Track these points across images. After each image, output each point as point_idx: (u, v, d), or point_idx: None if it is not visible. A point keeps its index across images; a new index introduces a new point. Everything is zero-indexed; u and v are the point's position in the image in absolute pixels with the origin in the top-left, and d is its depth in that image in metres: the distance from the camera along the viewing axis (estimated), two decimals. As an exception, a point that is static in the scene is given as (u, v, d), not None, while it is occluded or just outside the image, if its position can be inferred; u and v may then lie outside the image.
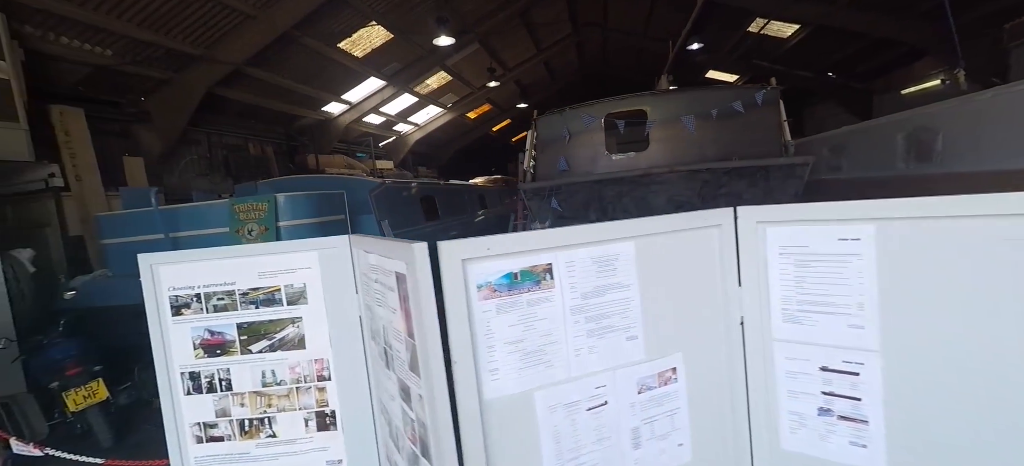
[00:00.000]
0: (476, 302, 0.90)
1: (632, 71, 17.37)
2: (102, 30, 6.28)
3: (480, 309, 0.91)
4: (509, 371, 0.94)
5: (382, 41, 9.81)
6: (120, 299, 4.74)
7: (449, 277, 0.87)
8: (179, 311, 1.61)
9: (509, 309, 0.93)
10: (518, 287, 0.94)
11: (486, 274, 0.91)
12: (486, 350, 0.91)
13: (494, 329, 0.92)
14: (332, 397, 1.63)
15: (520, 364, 0.95)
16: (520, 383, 0.95)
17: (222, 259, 1.60)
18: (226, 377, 1.63)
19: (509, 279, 0.93)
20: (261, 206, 4.73)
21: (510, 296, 0.93)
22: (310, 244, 1.59)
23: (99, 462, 2.23)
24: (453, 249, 0.88)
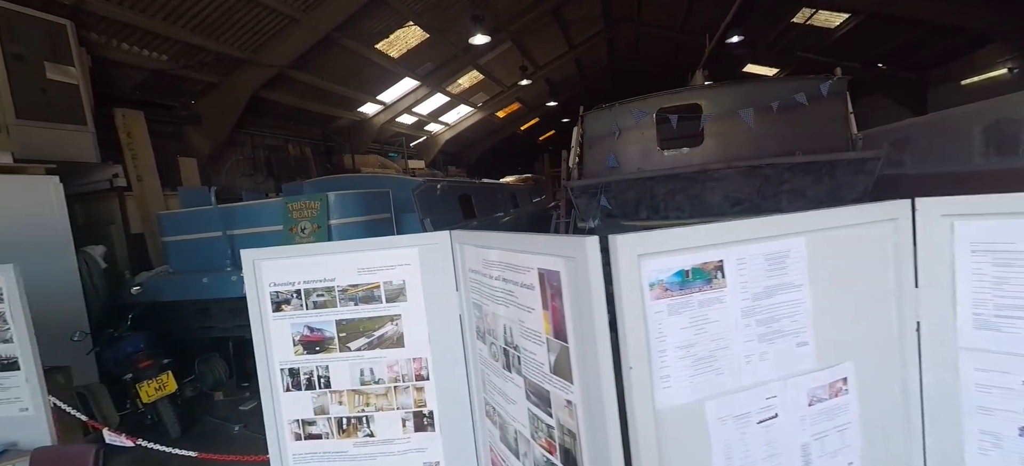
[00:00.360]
0: (649, 302, 0.83)
1: (664, 67, 16.97)
2: (159, 36, 6.54)
3: (652, 309, 0.83)
4: (680, 378, 0.86)
5: (418, 41, 9.88)
6: (182, 295, 4.91)
7: (624, 273, 0.80)
8: (280, 307, 1.60)
9: (681, 310, 0.86)
10: (689, 286, 0.86)
11: (658, 271, 0.83)
12: (658, 355, 0.84)
13: (665, 332, 0.85)
14: (430, 397, 1.59)
15: (691, 371, 0.87)
16: (691, 392, 0.87)
17: (323, 255, 1.59)
18: (325, 374, 1.61)
19: (681, 277, 0.85)
20: (313, 204, 4.80)
21: (681, 296, 0.85)
22: (410, 240, 1.55)
23: (193, 455, 2.27)
24: (630, 243, 0.80)
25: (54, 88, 5.21)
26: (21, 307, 2.44)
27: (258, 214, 5.06)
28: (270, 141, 10.19)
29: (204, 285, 4.82)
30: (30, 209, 3.88)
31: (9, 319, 2.45)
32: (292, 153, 10.79)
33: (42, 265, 3.80)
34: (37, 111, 5.02)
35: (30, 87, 5.00)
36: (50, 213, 4.00)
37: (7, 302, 2.44)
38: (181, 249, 5.24)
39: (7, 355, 2.49)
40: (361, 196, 5.17)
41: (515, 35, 11.40)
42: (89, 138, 5.51)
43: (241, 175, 9.49)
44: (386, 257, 1.55)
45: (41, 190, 3.97)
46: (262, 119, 9.60)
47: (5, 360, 2.49)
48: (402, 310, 1.57)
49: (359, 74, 10.09)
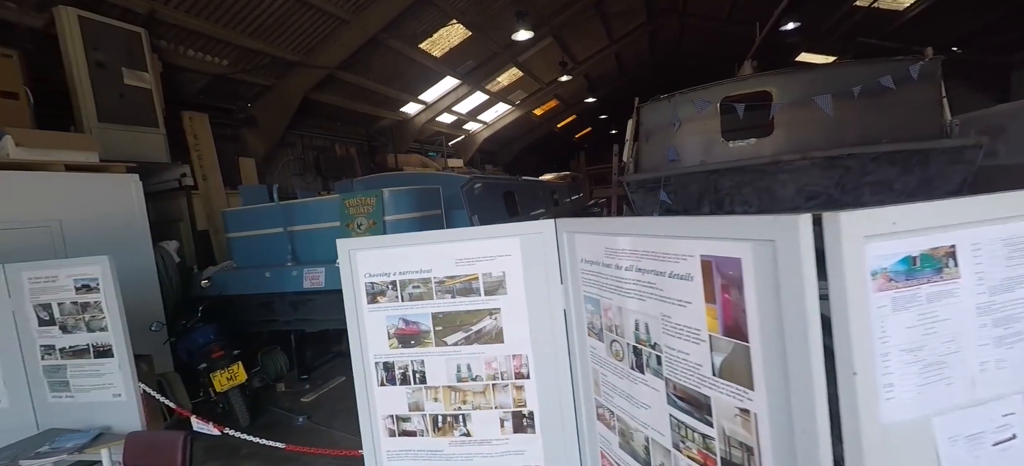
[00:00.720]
0: (872, 294, 0.69)
1: (708, 60, 16.29)
2: (220, 41, 6.84)
3: (875, 304, 0.69)
4: (906, 388, 0.71)
5: (460, 39, 9.91)
6: (245, 289, 5.09)
7: (848, 259, 0.66)
8: (375, 298, 1.55)
9: (907, 305, 0.71)
10: (916, 276, 0.71)
11: (881, 258, 0.69)
12: (880, 359, 0.70)
13: (889, 331, 0.70)
14: (531, 397, 1.49)
15: (918, 379, 0.72)
16: (918, 405, 0.72)
17: (420, 245, 1.52)
18: (420, 369, 1.55)
19: (907, 265, 0.70)
20: (369, 201, 4.85)
21: (908, 288, 0.71)
22: (511, 229, 1.46)
23: (280, 446, 2.29)
24: (855, 221, 0.67)
25: (131, 93, 5.53)
26: (115, 297, 2.54)
27: (316, 211, 5.18)
28: (318, 142, 10.51)
29: (266, 279, 4.98)
30: (113, 205, 4.11)
31: (105, 308, 2.56)
32: (338, 153, 11.09)
33: (124, 258, 4.01)
34: (116, 114, 5.33)
35: (110, 92, 5.32)
36: (131, 209, 4.22)
37: (103, 292, 2.56)
38: (244, 245, 5.44)
39: (102, 343, 2.60)
40: (414, 192, 5.19)
41: (556, 30, 11.24)
42: (161, 139, 5.82)
43: (292, 175, 9.84)
44: (486, 247, 1.47)
45: (123, 187, 4.20)
46: (311, 120, 9.91)
47: (100, 347, 2.60)
48: (502, 304, 1.48)
49: (403, 74, 10.24)
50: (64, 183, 3.76)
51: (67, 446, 2.44)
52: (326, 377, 5.11)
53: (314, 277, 4.80)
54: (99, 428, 2.60)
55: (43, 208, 3.62)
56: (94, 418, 2.67)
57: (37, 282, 2.63)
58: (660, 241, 0.97)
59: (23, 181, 3.52)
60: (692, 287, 0.90)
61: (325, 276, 4.78)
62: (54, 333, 2.64)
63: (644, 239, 1.02)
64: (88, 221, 3.86)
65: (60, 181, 3.74)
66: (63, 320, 2.62)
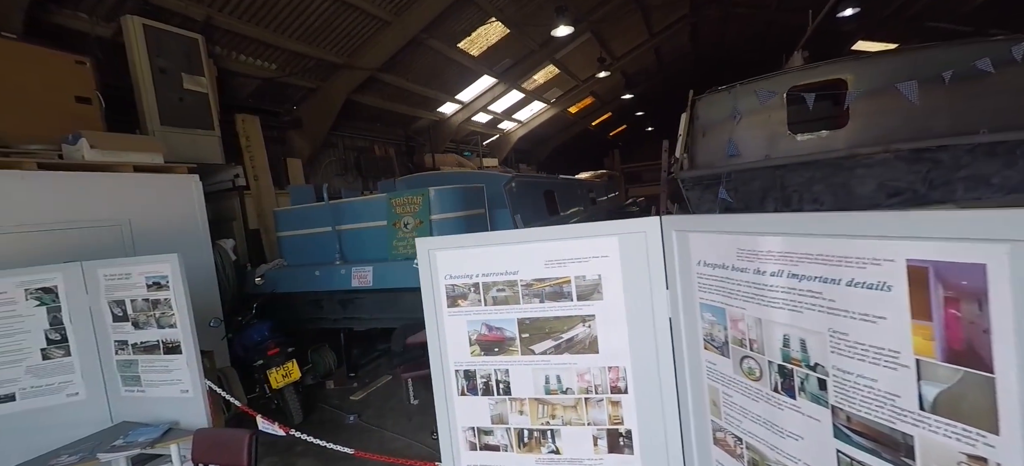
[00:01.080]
0: None
1: (753, 52, 15.54)
2: (270, 45, 7.03)
3: None
4: None
5: (498, 37, 9.84)
6: (296, 287, 5.19)
7: None
8: (456, 301, 1.45)
9: None
10: None
11: None
12: None
13: None
14: (628, 413, 1.35)
15: None
16: None
17: (505, 245, 1.40)
18: (504, 379, 1.43)
19: None
20: (416, 200, 4.82)
21: None
22: (608, 228, 1.32)
23: (349, 452, 2.24)
24: None
25: (189, 97, 5.75)
26: (184, 294, 2.58)
27: (362, 210, 5.21)
28: (359, 143, 10.71)
29: (316, 277, 5.05)
30: (176, 205, 4.25)
31: (174, 305, 2.61)
32: (377, 153, 11.27)
33: (186, 256, 4.13)
34: (176, 118, 5.56)
35: (170, 96, 5.55)
36: (192, 209, 4.36)
37: (172, 289, 2.60)
38: (294, 243, 5.56)
39: (171, 339, 2.65)
40: (459, 191, 5.13)
41: (595, 25, 10.98)
42: (216, 141, 6.03)
43: (334, 175, 10.06)
44: (579, 248, 1.33)
45: (184, 187, 4.34)
46: (352, 121, 10.11)
47: (169, 344, 2.65)
48: (597, 310, 1.34)
49: (440, 74, 10.27)
50: (132, 184, 3.92)
51: (139, 440, 2.49)
52: (372, 375, 5.13)
53: (362, 276, 4.82)
54: (168, 423, 2.65)
55: (114, 208, 3.78)
56: (163, 413, 2.73)
57: (112, 279, 2.71)
58: (833, 242, 0.80)
59: (96, 182, 3.69)
60: (888, 299, 0.73)
61: (373, 275, 4.79)
62: (127, 329, 2.72)
63: (805, 239, 0.85)
64: (153, 220, 4.01)
65: (128, 182, 3.90)
66: (135, 316, 2.69)
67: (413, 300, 4.69)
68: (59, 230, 3.44)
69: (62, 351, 2.73)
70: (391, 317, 4.75)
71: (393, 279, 4.73)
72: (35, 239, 3.31)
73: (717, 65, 17.10)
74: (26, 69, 3.86)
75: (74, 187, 3.55)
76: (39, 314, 2.69)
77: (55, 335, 2.71)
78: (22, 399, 2.67)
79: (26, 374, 2.68)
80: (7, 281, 2.65)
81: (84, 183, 3.61)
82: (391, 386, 4.78)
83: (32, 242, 3.29)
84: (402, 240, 4.86)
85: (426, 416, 4.01)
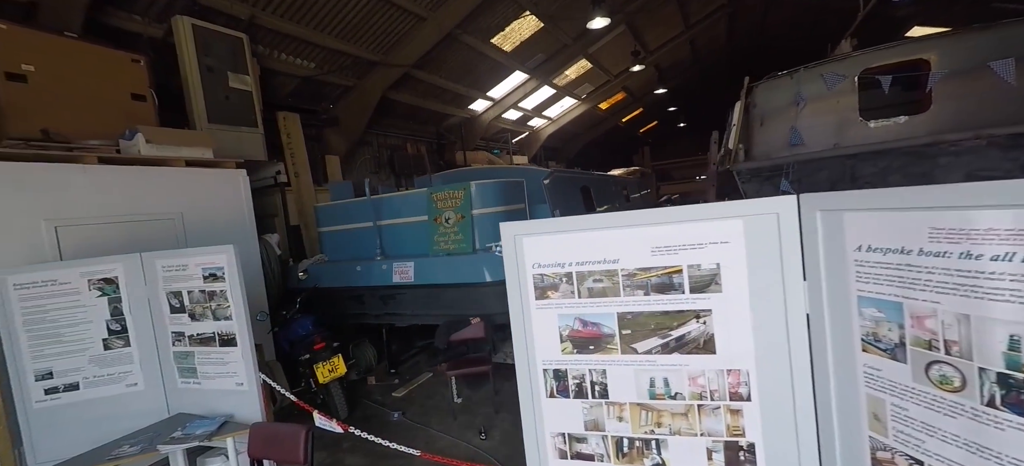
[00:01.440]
0: None
1: (796, 40, 14.78)
2: (310, 43, 7.11)
3: None
4: None
5: (531, 32, 9.69)
6: (337, 282, 5.19)
7: None
8: (545, 293, 1.30)
9: None
10: None
11: None
12: None
13: None
14: (751, 424, 1.17)
15: None
16: None
17: (604, 229, 1.24)
18: (601, 381, 1.27)
19: None
20: (457, 194, 4.72)
21: None
22: (731, 209, 1.14)
23: (415, 453, 2.14)
24: None
25: (234, 95, 5.85)
26: (239, 286, 2.55)
27: (401, 205, 5.16)
28: (392, 140, 10.78)
29: (357, 273, 5.03)
30: (224, 200, 4.30)
31: (229, 297, 2.58)
32: (410, 151, 11.32)
33: (233, 250, 4.24)
34: (222, 115, 5.66)
35: (217, 94, 5.66)
36: (239, 203, 4.41)
37: (228, 281, 2.57)
38: (334, 239, 5.57)
39: (227, 332, 2.62)
40: (501, 185, 5.01)
41: (630, 16, 10.67)
42: (259, 139, 6.13)
43: (368, 173, 10.16)
44: (694, 232, 1.16)
45: (233, 182, 4.39)
46: (386, 119, 10.17)
47: (225, 336, 2.62)
48: (714, 304, 1.16)
49: (473, 70, 10.21)
50: (184, 178, 3.98)
51: (197, 433, 2.47)
52: (412, 372, 5.07)
53: (403, 271, 4.76)
54: (223, 415, 2.63)
55: (167, 201, 3.84)
56: (218, 405, 2.71)
57: (169, 270, 2.71)
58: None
59: (151, 176, 3.75)
60: None
61: (414, 270, 4.73)
62: (184, 320, 2.71)
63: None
64: (204, 214, 4.06)
65: (181, 176, 3.96)
66: (192, 308, 2.68)
67: (455, 296, 4.61)
68: (117, 223, 3.51)
69: (122, 341, 2.76)
70: (433, 313, 4.67)
71: (435, 275, 4.65)
72: (95, 232, 3.39)
73: (756, 57, 16.40)
74: (86, 67, 3.98)
75: (131, 181, 3.62)
76: (101, 304, 2.72)
77: (116, 325, 2.74)
78: (86, 388, 2.71)
79: (89, 363, 2.71)
80: (71, 271, 2.69)
81: (140, 177, 3.68)
82: (433, 383, 4.71)
83: (93, 235, 3.36)
84: (444, 235, 4.78)
85: (471, 415, 3.90)
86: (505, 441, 3.43)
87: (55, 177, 3.20)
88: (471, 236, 4.68)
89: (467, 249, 4.65)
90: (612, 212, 5.37)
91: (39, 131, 3.56)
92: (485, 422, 3.69)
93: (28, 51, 3.66)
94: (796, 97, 4.29)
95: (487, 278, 4.47)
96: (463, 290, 4.51)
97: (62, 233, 3.17)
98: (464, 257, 4.60)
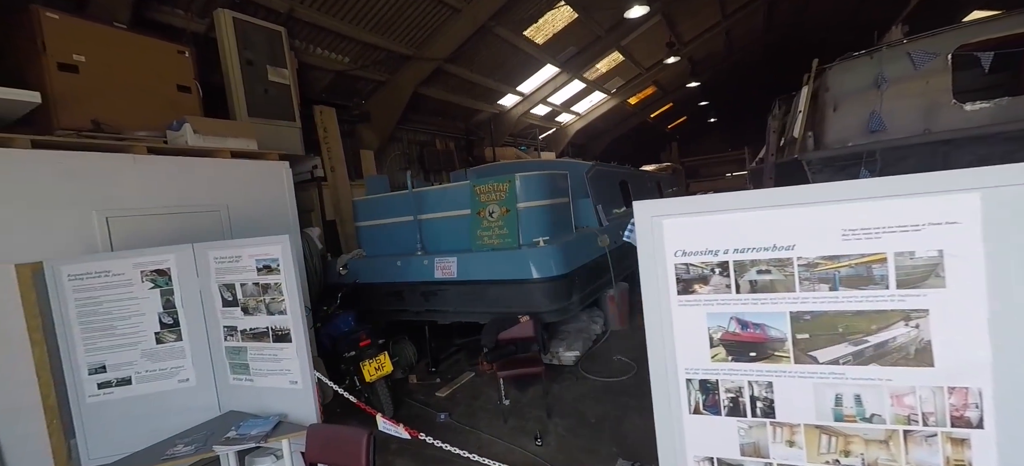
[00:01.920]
0: None
1: (835, 32, 14.05)
2: (345, 37, 7.04)
3: None
4: None
5: (565, 23, 9.44)
6: (377, 277, 5.06)
7: None
8: (690, 287, 1.07)
9: None
10: None
11: None
12: None
13: None
14: (983, 458, 0.91)
15: None
16: None
17: (774, 207, 1.00)
18: (765, 395, 1.04)
19: None
20: (501, 187, 4.52)
21: None
22: (960, 178, 0.88)
23: (486, 463, 1.95)
24: None
25: (273, 88, 5.81)
26: (296, 278, 2.40)
27: (440, 198, 5.00)
28: (421, 137, 10.71)
29: (397, 268, 4.89)
30: (268, 192, 4.22)
31: (284, 290, 2.44)
32: (439, 148, 11.22)
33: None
34: (261, 109, 5.62)
35: (257, 88, 5.62)
36: (282, 196, 4.32)
37: (283, 272, 2.43)
38: (372, 234, 5.45)
39: (281, 327, 2.48)
40: (546, 177, 4.78)
41: (667, 5, 10.30)
42: (297, 133, 6.07)
43: (398, 170, 10.10)
44: (907, 210, 0.91)
45: (276, 174, 4.30)
46: (416, 115, 10.09)
47: (279, 331, 2.48)
48: (932, 303, 0.91)
49: (504, 64, 10.03)
50: (229, 169, 3.90)
51: (251, 433, 2.33)
52: (453, 371, 4.90)
53: (446, 267, 4.59)
54: (276, 415, 2.49)
55: (213, 193, 3.77)
56: (271, 404, 2.58)
57: (222, 262, 2.60)
58: None
59: (198, 167, 3.68)
60: None
61: (457, 266, 4.55)
62: (236, 314, 2.59)
63: None
64: (248, 206, 3.98)
65: (226, 167, 3.88)
66: (245, 301, 2.56)
67: (500, 293, 4.40)
68: (165, 215, 3.45)
69: (174, 335, 2.66)
70: (477, 310, 4.49)
71: (479, 271, 4.47)
72: (144, 223, 3.32)
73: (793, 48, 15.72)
74: (135, 58, 3.94)
75: (177, 172, 3.55)
76: (153, 297, 2.63)
77: (168, 319, 2.64)
78: (138, 383, 2.62)
79: (142, 357, 2.62)
80: (124, 262, 2.60)
81: (186, 168, 3.61)
82: (476, 383, 4.53)
83: (141, 226, 3.29)
84: (487, 229, 4.59)
85: (522, 418, 3.70)
86: (562, 448, 3.21)
87: (106, 167, 3.14)
88: (516, 230, 4.47)
89: (512, 243, 4.44)
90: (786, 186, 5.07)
91: (90, 121, 3.53)
92: (539, 427, 3.47)
93: (79, 41, 3.64)
94: (877, 79, 3.92)
95: (534, 274, 4.26)
96: (508, 286, 4.31)
97: (113, 224, 3.11)
98: (509, 252, 4.40)
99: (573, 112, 14.83)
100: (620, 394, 3.96)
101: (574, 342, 4.87)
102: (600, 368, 4.55)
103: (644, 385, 4.47)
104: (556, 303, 4.23)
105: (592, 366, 4.61)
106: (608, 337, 5.44)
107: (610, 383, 4.20)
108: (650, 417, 1.14)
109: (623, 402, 3.81)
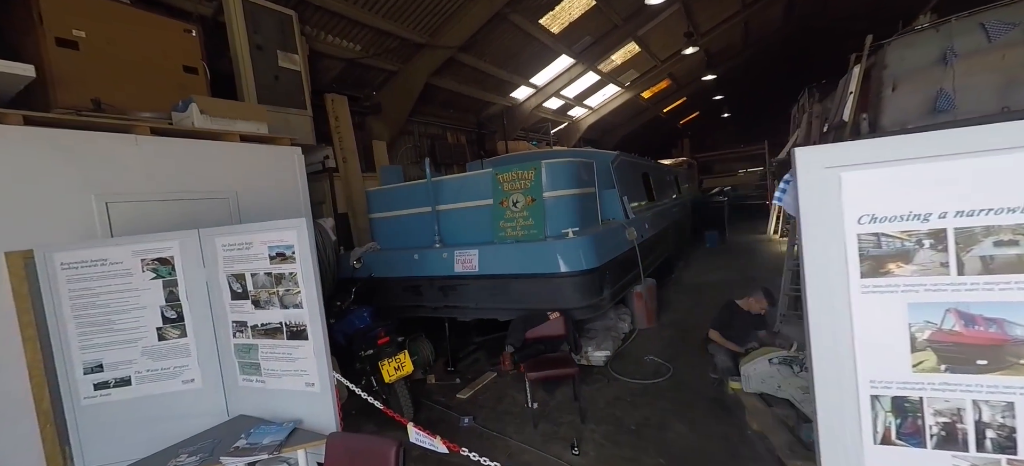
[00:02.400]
0: None
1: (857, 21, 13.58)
2: (357, 23, 6.77)
3: None
4: None
5: (582, 12, 9.12)
6: (392, 271, 4.79)
7: None
8: (882, 266, 0.77)
9: None
10: None
11: None
12: None
13: None
14: None
15: None
16: None
17: (1005, 151, 0.69)
18: (1000, 421, 0.73)
19: None
20: (527, 174, 4.22)
21: None
22: None
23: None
24: None
25: (284, 75, 5.55)
26: (312, 266, 2.12)
27: (462, 188, 4.71)
28: (433, 130, 10.45)
29: (414, 262, 4.61)
30: (279, 178, 3.96)
31: (300, 281, 2.15)
32: (450, 141, 10.96)
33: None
34: (271, 96, 5.36)
35: (266, 74, 5.36)
36: (294, 183, 4.06)
37: (299, 261, 2.15)
38: (386, 226, 5.17)
39: (297, 322, 2.20)
40: (573, 165, 4.48)
41: (685, -6, 9.95)
42: (308, 121, 5.81)
43: (409, 163, 9.83)
44: None
45: (287, 160, 4.04)
46: (427, 108, 9.83)
47: (294, 327, 2.20)
48: None
49: (518, 54, 9.73)
50: (238, 153, 3.64)
51: (263, 443, 2.06)
52: (473, 370, 4.61)
53: (466, 260, 4.31)
54: (291, 421, 2.22)
55: (221, 178, 3.51)
56: (284, 408, 2.30)
57: (231, 249, 2.32)
58: None
59: (205, 150, 3.43)
60: None
61: (479, 259, 4.26)
62: (247, 308, 2.32)
63: None
64: (258, 193, 3.72)
65: (235, 151, 3.63)
66: (256, 293, 2.28)
67: (525, 288, 4.07)
68: (169, 201, 3.19)
69: (178, 331, 2.39)
70: (500, 307, 4.20)
71: (502, 264, 4.17)
72: (146, 209, 3.06)
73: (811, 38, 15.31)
74: (138, 35, 3.69)
75: (183, 156, 3.29)
76: (155, 288, 2.36)
77: (171, 313, 2.37)
78: (138, 384, 2.36)
79: (142, 355, 2.36)
80: (123, 249, 2.34)
81: (192, 151, 3.35)
82: (499, 384, 4.24)
83: (143, 212, 3.04)
84: (511, 221, 4.29)
85: (553, 423, 3.40)
86: (602, 459, 2.91)
87: (106, 148, 2.89)
88: (542, 221, 4.17)
89: (538, 235, 4.14)
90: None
91: (90, 101, 3.27)
92: (573, 433, 3.18)
93: (79, 16, 3.39)
94: (944, 54, 3.57)
95: (562, 268, 3.96)
96: (535, 281, 4.01)
97: (112, 210, 2.85)
98: (535, 244, 4.10)
99: (586, 106, 14.50)
100: (657, 398, 3.66)
101: (603, 341, 4.56)
102: (632, 369, 4.25)
103: (683, 389, 4.10)
104: (587, 299, 3.93)
105: (623, 367, 4.31)
106: (636, 336, 5.13)
107: (645, 385, 3.90)
108: (698, 427, 0.85)
109: (662, 407, 3.50)
